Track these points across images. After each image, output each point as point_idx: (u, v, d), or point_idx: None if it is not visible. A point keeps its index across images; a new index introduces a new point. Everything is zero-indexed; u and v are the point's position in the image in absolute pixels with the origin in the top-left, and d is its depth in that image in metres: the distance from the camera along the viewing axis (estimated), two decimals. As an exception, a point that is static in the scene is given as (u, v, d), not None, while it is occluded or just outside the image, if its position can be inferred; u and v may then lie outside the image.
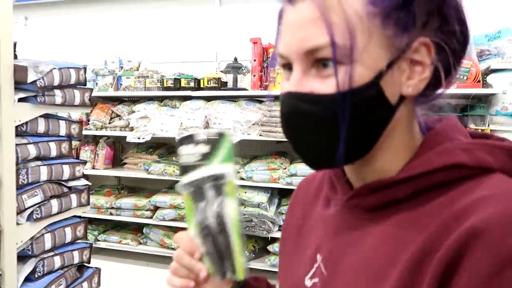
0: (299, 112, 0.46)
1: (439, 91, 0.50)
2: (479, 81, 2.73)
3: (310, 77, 0.46)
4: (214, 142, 0.52)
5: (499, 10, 3.02)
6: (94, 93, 3.54)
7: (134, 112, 3.47)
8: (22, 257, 1.57)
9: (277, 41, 0.49)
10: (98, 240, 3.54)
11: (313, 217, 0.61)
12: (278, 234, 3.04)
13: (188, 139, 0.53)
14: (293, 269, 0.60)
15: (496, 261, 0.38)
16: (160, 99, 3.51)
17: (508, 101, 2.73)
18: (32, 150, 1.58)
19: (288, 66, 0.49)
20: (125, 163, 3.66)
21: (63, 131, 1.74)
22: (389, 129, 0.47)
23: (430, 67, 0.46)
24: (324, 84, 0.45)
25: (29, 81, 1.52)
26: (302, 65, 0.46)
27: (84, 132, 3.52)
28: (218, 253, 0.55)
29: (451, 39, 0.47)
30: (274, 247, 3.04)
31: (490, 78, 2.78)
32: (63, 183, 1.72)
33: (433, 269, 0.41)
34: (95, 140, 3.76)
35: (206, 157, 0.52)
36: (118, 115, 3.55)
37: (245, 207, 3.05)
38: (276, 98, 3.14)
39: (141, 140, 3.30)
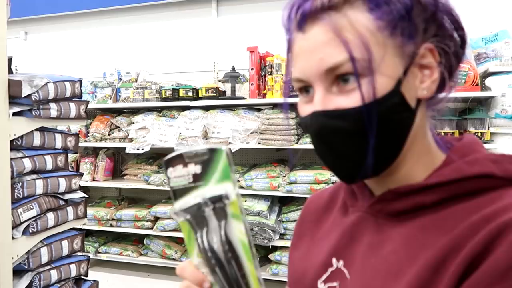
0: (329, 129, 0.48)
1: (445, 93, 0.53)
2: (477, 84, 2.73)
3: (333, 95, 0.48)
4: (206, 161, 0.46)
5: (495, 13, 3.02)
6: (93, 105, 3.56)
7: (133, 123, 3.47)
8: (18, 272, 1.56)
9: (289, 68, 0.51)
10: (99, 252, 3.53)
11: (325, 226, 0.63)
12: (279, 243, 3.01)
13: (175, 160, 0.47)
14: (304, 273, 0.60)
15: None
16: (159, 109, 3.52)
17: (507, 104, 2.71)
18: (28, 164, 1.58)
19: (305, 89, 0.51)
20: (125, 174, 3.66)
21: (59, 144, 1.74)
22: (411, 134, 0.50)
23: (437, 69, 0.50)
24: (348, 99, 0.47)
25: (23, 95, 1.53)
26: (323, 85, 0.48)
27: (84, 144, 3.53)
28: (231, 283, 0.48)
29: (449, 42, 0.50)
30: (276, 256, 3.02)
31: (488, 81, 2.77)
32: (59, 196, 1.72)
33: (456, 265, 0.43)
34: (95, 152, 3.77)
35: (199, 178, 0.46)
36: (117, 127, 3.56)
37: (245, 215, 3.03)
38: (274, 106, 3.15)
39: (141, 151, 3.30)
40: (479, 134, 2.71)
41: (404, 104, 0.48)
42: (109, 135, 3.53)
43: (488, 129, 2.72)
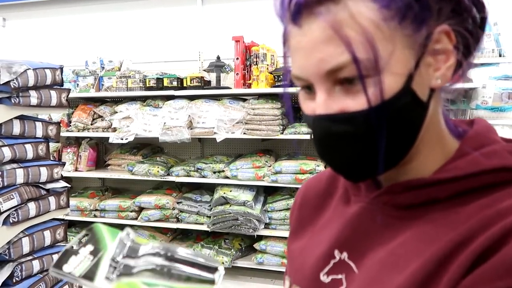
0: (333, 134, 0.45)
1: (459, 78, 0.48)
2: (459, 76, 2.77)
3: (337, 95, 0.44)
4: (91, 237, 0.49)
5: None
6: (75, 94, 3.49)
7: (117, 112, 3.42)
8: (-1, 262, 1.54)
9: (286, 62, 0.47)
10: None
11: (326, 214, 0.60)
12: (264, 232, 3.03)
13: (65, 257, 0.47)
14: (304, 263, 0.58)
15: None
16: (143, 99, 3.47)
17: (488, 95, 2.77)
18: (7, 153, 1.54)
19: (306, 86, 0.47)
20: (108, 165, 3.61)
21: (39, 133, 1.71)
22: (424, 126, 0.46)
23: (453, 52, 0.45)
24: (354, 101, 0.43)
25: (2, 82, 1.49)
26: (325, 85, 0.44)
27: (66, 134, 3.47)
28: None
29: (467, 20, 0.45)
30: (261, 245, 3.04)
31: (470, 73, 2.81)
32: (40, 185, 1.69)
33: (464, 258, 0.41)
34: (77, 141, 3.70)
35: (97, 250, 0.48)
36: (100, 116, 3.50)
37: (230, 205, 3.04)
38: (259, 96, 3.14)
39: (124, 141, 3.26)
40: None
41: (415, 101, 0.43)
42: (92, 124, 3.47)
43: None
